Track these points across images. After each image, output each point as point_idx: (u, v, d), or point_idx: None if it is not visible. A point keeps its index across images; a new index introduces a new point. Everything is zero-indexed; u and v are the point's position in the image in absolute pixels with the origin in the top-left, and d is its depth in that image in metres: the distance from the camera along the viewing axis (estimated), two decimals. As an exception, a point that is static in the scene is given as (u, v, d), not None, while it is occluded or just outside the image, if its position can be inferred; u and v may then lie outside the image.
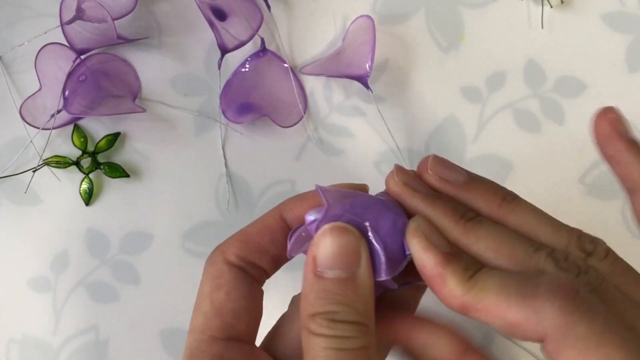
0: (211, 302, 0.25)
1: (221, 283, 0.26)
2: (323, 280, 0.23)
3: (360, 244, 0.24)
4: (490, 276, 0.23)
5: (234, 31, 0.40)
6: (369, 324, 0.24)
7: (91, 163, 0.41)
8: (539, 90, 0.42)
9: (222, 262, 0.26)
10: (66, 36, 0.40)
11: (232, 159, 0.41)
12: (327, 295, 0.23)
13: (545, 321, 0.21)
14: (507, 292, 0.22)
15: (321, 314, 0.23)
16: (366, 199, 0.26)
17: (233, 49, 0.40)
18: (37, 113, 0.40)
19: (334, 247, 0.24)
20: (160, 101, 0.42)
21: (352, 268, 0.24)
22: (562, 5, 0.43)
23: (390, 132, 0.41)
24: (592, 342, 0.21)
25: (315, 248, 0.24)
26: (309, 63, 0.42)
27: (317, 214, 0.25)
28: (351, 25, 0.42)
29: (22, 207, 0.41)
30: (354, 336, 0.23)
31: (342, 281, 0.23)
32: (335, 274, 0.23)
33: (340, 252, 0.24)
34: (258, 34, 0.41)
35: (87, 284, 0.40)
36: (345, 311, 0.23)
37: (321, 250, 0.24)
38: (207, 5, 0.39)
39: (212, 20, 0.40)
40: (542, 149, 0.41)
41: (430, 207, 0.25)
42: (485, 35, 0.43)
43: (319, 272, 0.24)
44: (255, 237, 0.27)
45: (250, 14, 0.41)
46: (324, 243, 0.24)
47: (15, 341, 0.40)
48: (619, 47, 0.42)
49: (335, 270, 0.23)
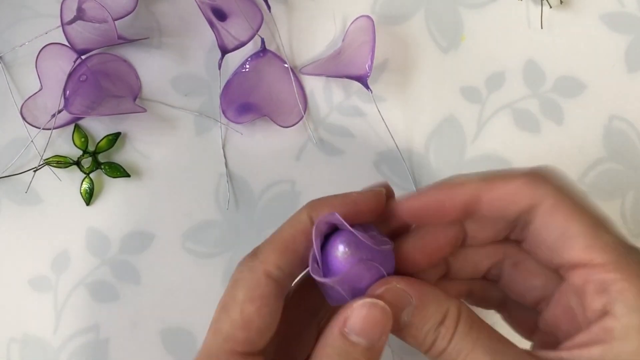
0: (241, 312, 0.26)
1: (255, 296, 0.26)
2: (347, 341, 0.25)
3: (388, 322, 0.26)
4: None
5: (234, 31, 0.40)
6: None
7: (92, 163, 0.41)
8: (539, 91, 0.42)
9: (262, 272, 0.26)
10: (67, 36, 0.40)
11: (232, 159, 0.41)
12: (346, 356, 0.25)
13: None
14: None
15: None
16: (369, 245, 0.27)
17: (233, 49, 0.40)
18: (38, 113, 0.40)
19: (367, 321, 0.25)
20: (161, 101, 0.42)
21: (374, 341, 0.25)
22: (562, 5, 0.43)
23: (390, 132, 0.41)
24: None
25: (351, 312, 0.26)
26: (309, 63, 0.42)
27: (345, 246, 0.26)
28: (351, 26, 0.42)
29: (23, 206, 0.41)
30: None
31: (362, 348, 0.25)
32: (358, 341, 0.25)
33: (371, 326, 0.25)
34: (258, 34, 0.41)
35: (87, 283, 0.40)
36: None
37: (355, 316, 0.25)
38: (207, 5, 0.40)
39: (212, 21, 0.40)
40: (542, 149, 0.42)
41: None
42: (485, 35, 0.43)
43: (346, 332, 0.25)
44: (292, 245, 0.27)
45: (250, 15, 0.41)
46: (359, 312, 0.26)
47: (16, 341, 0.40)
48: (619, 47, 0.42)
49: (360, 338, 0.25)
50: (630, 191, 0.41)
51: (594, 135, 0.42)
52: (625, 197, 0.41)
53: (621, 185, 0.41)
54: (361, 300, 0.26)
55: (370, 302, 0.26)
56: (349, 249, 0.26)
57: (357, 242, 0.26)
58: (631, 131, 0.42)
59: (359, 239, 0.26)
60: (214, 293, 0.40)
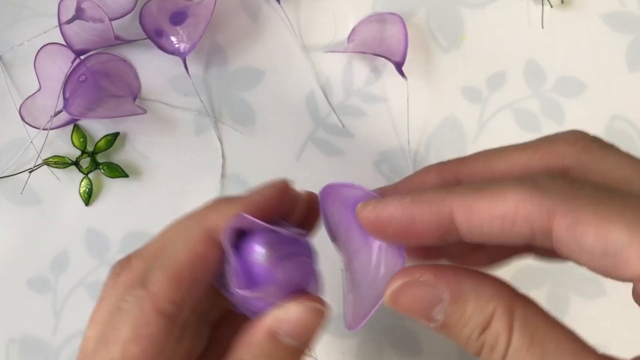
0: (123, 352, 0.22)
1: (142, 335, 0.23)
2: (277, 342, 0.23)
3: (322, 324, 0.24)
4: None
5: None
6: None
7: (90, 163, 0.41)
8: (539, 90, 0.42)
9: (151, 308, 0.23)
10: (64, 37, 0.39)
11: (231, 159, 0.41)
12: (274, 357, 0.23)
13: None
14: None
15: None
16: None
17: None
18: (37, 113, 0.40)
19: (302, 324, 0.23)
20: (160, 101, 0.42)
21: (307, 342, 0.24)
22: (562, 5, 0.43)
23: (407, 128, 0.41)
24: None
25: (284, 312, 0.23)
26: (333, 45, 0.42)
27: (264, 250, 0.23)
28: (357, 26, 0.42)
29: (22, 207, 0.41)
30: None
31: (294, 351, 0.24)
32: (290, 343, 0.23)
33: (306, 329, 0.23)
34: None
35: (87, 284, 0.40)
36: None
37: (290, 319, 0.23)
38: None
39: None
40: (542, 149, 0.41)
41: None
42: (485, 35, 0.42)
43: (277, 333, 0.23)
44: (189, 272, 0.24)
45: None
46: (295, 315, 0.23)
47: (15, 341, 0.40)
48: (619, 47, 0.42)
49: (294, 340, 0.23)
50: (631, 191, 0.41)
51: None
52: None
53: (622, 185, 0.41)
54: (296, 303, 0.23)
55: (308, 305, 0.23)
56: (270, 249, 0.23)
57: (278, 239, 0.24)
58: (632, 131, 0.42)
59: (278, 234, 0.24)
60: (214, 293, 0.40)
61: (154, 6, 0.40)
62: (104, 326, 0.23)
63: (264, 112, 0.42)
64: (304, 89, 0.42)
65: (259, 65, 0.42)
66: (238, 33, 0.43)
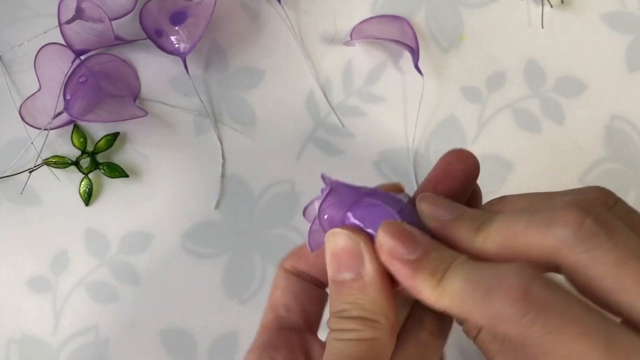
0: (269, 299, 0.29)
1: (277, 285, 0.29)
2: (335, 282, 0.25)
3: (360, 245, 0.25)
4: (455, 277, 0.23)
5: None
6: (378, 318, 0.25)
7: (90, 163, 0.41)
8: (539, 90, 0.42)
9: (280, 270, 0.29)
10: (64, 37, 0.39)
11: (231, 159, 0.41)
12: (339, 296, 0.25)
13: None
14: (472, 297, 0.22)
15: (334, 313, 0.25)
16: (367, 192, 0.26)
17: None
18: (37, 113, 0.40)
19: (333, 253, 0.25)
20: (160, 101, 0.42)
21: (356, 269, 0.25)
22: (562, 5, 0.43)
23: (406, 128, 0.41)
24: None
25: (325, 256, 0.26)
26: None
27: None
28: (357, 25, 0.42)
29: (22, 207, 0.41)
30: (357, 329, 0.24)
31: (348, 282, 0.25)
32: (342, 277, 0.25)
33: (340, 255, 0.25)
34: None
35: (86, 284, 0.40)
36: (351, 308, 0.25)
37: (327, 257, 0.26)
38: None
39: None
40: (542, 149, 0.41)
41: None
42: (485, 35, 0.43)
43: (332, 276, 0.26)
44: (305, 251, 0.29)
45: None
46: (327, 251, 0.25)
47: (15, 341, 0.40)
48: (619, 47, 0.42)
49: (343, 272, 0.25)
50: (631, 191, 0.41)
51: (594, 135, 0.42)
52: (626, 198, 0.41)
53: (622, 185, 0.41)
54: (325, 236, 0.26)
55: (329, 233, 0.25)
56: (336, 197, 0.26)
57: (347, 191, 0.26)
58: (632, 131, 0.42)
59: (351, 187, 0.26)
60: (214, 293, 0.40)
61: (154, 6, 0.40)
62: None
63: (264, 112, 0.42)
64: (304, 89, 0.42)
65: (259, 65, 0.42)
66: (238, 33, 0.43)
